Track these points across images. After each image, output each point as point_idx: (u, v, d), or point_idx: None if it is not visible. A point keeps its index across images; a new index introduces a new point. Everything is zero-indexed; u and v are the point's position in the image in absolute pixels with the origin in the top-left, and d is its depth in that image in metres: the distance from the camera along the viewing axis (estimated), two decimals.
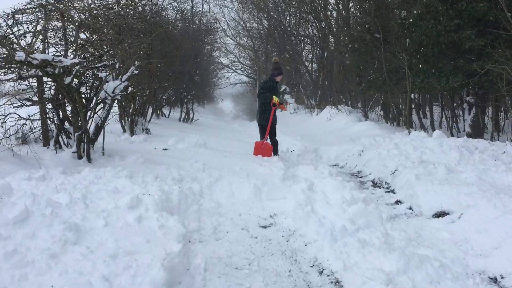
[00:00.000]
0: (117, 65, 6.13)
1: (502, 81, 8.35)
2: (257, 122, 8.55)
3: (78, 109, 5.61)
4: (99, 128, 6.45)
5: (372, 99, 19.10)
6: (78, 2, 5.40)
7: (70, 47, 5.39)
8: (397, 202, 5.98)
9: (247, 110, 48.25)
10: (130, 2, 7.30)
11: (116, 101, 9.53)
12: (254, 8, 31.45)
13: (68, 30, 5.54)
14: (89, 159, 6.04)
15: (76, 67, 5.09)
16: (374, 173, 7.63)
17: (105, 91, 6.14)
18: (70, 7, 5.11)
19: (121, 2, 6.79)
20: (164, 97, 15.15)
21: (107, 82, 6.23)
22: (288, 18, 30.19)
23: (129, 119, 9.38)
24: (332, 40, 23.15)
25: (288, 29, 29.03)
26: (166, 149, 7.61)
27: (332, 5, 23.90)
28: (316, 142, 11.12)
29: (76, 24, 5.20)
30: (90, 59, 5.80)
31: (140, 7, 9.58)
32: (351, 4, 20.23)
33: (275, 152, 8.46)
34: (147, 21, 8.28)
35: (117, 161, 6.16)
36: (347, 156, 9.23)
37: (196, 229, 4.59)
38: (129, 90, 8.85)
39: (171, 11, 14.20)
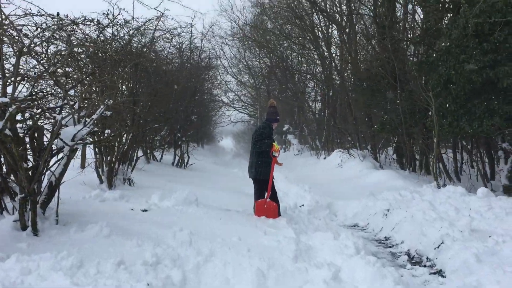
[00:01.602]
0: (76, 105, 4.64)
1: None
2: (250, 177, 7.04)
3: (17, 165, 4.09)
4: (53, 187, 4.90)
5: (381, 140, 17.65)
6: (21, 17, 3.95)
7: (8, 79, 3.91)
8: None
9: (248, 148, 46.88)
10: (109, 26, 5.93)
11: (92, 147, 8.04)
12: (256, 45, 30.51)
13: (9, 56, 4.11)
14: (35, 231, 4.47)
15: (10, 109, 3.61)
16: (408, 242, 6.02)
17: (61, 139, 4.63)
18: (6, 23, 3.66)
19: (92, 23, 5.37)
20: (156, 138, 13.70)
21: (65, 126, 4.74)
22: (291, 55, 29.19)
23: (107, 168, 7.85)
24: (337, 78, 21.95)
25: (291, 66, 27.92)
26: (145, 210, 6.03)
27: (336, 40, 22.88)
28: (328, 194, 9.53)
29: (16, 48, 3.76)
30: (38, 96, 4.31)
31: (125, 36, 8.23)
32: (358, 39, 19.06)
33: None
34: (125, 51, 6.88)
35: (73, 233, 4.58)
36: (368, 215, 7.64)
37: None
38: (105, 134, 7.39)
39: (169, 45, 12.91)
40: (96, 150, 8.03)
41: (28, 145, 4.81)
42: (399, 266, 5.28)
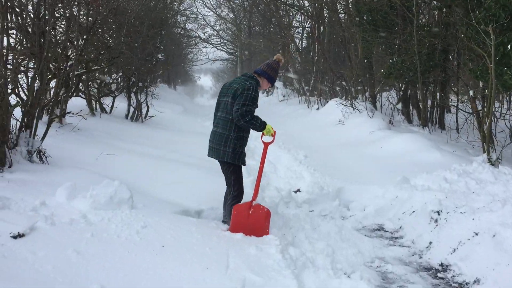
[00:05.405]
0: None
1: None
2: (210, 155, 4.24)
3: None
4: None
5: (380, 85, 14.87)
6: None
7: None
8: None
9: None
10: None
11: None
12: None
13: None
14: None
15: None
16: (490, 284, 3.44)
17: None
18: None
19: None
20: (107, 82, 10.66)
21: None
22: None
23: None
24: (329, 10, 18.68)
25: None
26: (19, 236, 3.22)
27: None
28: (332, 169, 6.79)
29: None
30: None
31: None
32: None
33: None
34: None
35: None
36: (400, 213, 5.01)
37: None
38: None
39: None
40: None
41: None
42: None
